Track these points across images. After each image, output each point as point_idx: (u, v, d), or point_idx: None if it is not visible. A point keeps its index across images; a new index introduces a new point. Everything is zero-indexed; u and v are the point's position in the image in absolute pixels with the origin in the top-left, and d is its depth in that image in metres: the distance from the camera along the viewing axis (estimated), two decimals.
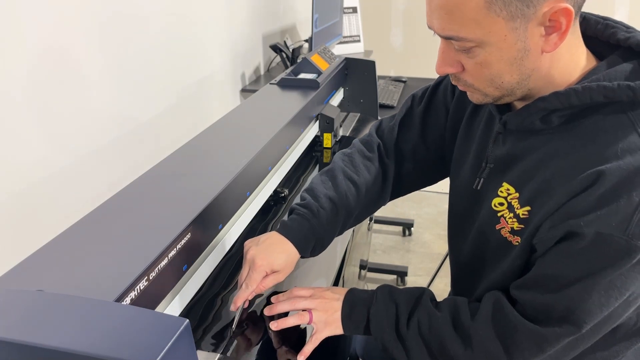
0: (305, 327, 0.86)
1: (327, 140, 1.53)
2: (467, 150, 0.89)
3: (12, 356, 0.49)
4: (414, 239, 2.95)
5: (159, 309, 0.71)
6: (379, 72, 1.90)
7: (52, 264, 0.67)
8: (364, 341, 1.23)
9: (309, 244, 0.88)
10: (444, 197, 0.88)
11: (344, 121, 1.82)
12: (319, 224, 0.88)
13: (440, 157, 0.99)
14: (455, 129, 0.94)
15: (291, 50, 2.31)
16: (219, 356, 0.77)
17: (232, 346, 0.79)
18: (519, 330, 0.71)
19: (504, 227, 0.78)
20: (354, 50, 2.85)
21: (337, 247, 1.18)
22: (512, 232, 0.77)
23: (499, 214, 0.79)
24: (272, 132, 1.13)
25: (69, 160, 1.18)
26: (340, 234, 0.95)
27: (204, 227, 0.82)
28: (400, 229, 3.08)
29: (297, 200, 0.93)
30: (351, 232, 1.32)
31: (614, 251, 0.64)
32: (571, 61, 0.72)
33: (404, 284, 2.43)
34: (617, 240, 0.64)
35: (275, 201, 1.22)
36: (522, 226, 0.75)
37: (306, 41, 2.56)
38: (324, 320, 0.82)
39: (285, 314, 0.84)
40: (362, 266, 1.83)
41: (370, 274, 2.42)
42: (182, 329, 0.49)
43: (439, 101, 0.97)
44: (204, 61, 1.80)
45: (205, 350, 0.78)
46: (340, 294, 0.84)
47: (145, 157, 1.45)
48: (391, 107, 2.11)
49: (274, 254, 0.84)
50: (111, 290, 0.61)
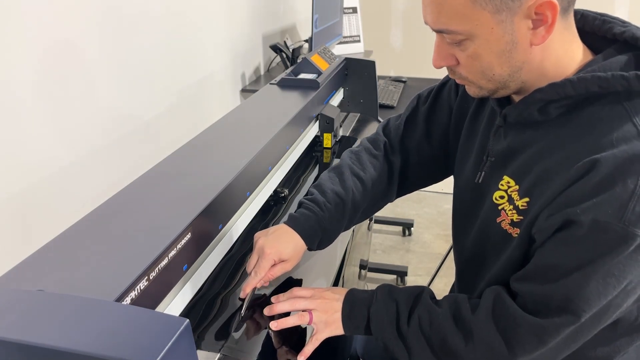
0: (305, 326, 0.86)
1: (327, 140, 1.53)
2: (471, 147, 0.91)
3: (12, 356, 0.49)
4: (414, 239, 2.95)
5: (159, 309, 0.71)
6: (379, 72, 1.90)
7: (52, 264, 0.67)
8: (364, 341, 1.23)
9: (316, 236, 0.90)
10: (444, 197, 0.90)
11: (344, 121, 1.82)
12: (325, 217, 0.91)
13: (444, 155, 1.00)
14: (458, 127, 0.95)
15: (291, 50, 2.31)
16: (219, 356, 0.77)
17: (232, 345, 0.79)
18: (520, 324, 0.72)
19: (504, 220, 0.79)
20: (354, 50, 2.85)
21: (337, 247, 1.18)
22: (512, 224, 0.78)
23: (500, 207, 0.80)
24: (272, 132, 1.13)
25: (69, 160, 1.18)
26: (346, 229, 0.97)
27: (204, 227, 0.82)
28: (400, 229, 3.08)
29: (305, 195, 0.96)
30: (351, 232, 1.32)
31: (611, 239, 0.65)
32: (565, 55, 0.73)
33: (404, 284, 2.43)
34: (613, 227, 0.64)
35: (275, 201, 1.22)
36: (522, 217, 0.76)
37: (306, 41, 2.56)
38: (324, 320, 0.82)
39: (285, 314, 0.84)
40: (362, 266, 1.83)
41: (370, 274, 2.42)
42: (182, 329, 0.49)
43: (444, 100, 0.98)
44: (204, 61, 1.80)
45: (205, 350, 0.78)
46: (340, 295, 0.84)
47: (145, 157, 1.45)
48: (391, 107, 2.11)
49: (282, 243, 0.87)
50: (111, 290, 0.61)
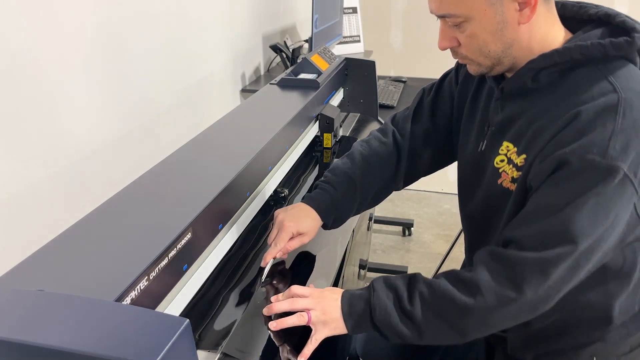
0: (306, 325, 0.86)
1: (327, 140, 1.53)
2: (472, 124, 1.00)
3: (12, 356, 0.49)
4: (414, 238, 2.95)
5: (159, 309, 0.71)
6: (379, 72, 1.90)
7: (52, 264, 0.67)
8: (364, 341, 1.23)
9: (330, 213, 1.01)
10: (444, 197, 0.92)
11: (344, 121, 1.82)
12: (338, 196, 1.02)
13: (449, 141, 1.09)
14: (460, 112, 1.05)
15: (291, 50, 2.31)
16: (219, 356, 0.77)
17: (232, 345, 0.79)
18: (519, 262, 0.77)
19: (505, 179, 0.88)
20: (354, 50, 2.85)
21: (337, 247, 1.18)
22: (512, 180, 0.87)
23: (500, 170, 0.89)
24: (272, 132, 1.13)
25: (69, 160, 1.18)
26: (358, 212, 1.08)
27: (204, 227, 0.82)
28: (400, 228, 3.08)
29: (320, 179, 1.07)
30: (351, 232, 1.32)
31: (597, 173, 0.74)
32: (549, 35, 0.85)
33: None
34: (598, 162, 0.74)
35: (275, 201, 1.22)
36: (520, 173, 0.85)
37: (306, 41, 2.56)
38: (323, 320, 0.82)
39: (284, 314, 0.84)
40: (362, 266, 1.83)
41: (370, 274, 2.43)
42: (182, 328, 0.49)
43: (445, 91, 1.09)
44: (204, 61, 1.80)
45: (205, 350, 0.78)
46: (338, 295, 0.85)
47: (145, 157, 1.45)
48: (391, 107, 2.11)
49: (300, 218, 0.97)
50: (111, 290, 0.61)
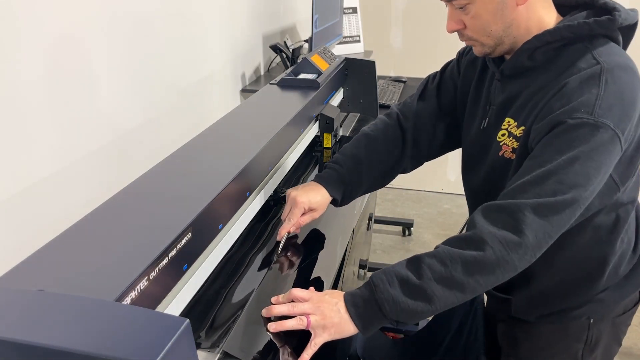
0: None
1: (327, 140, 1.53)
2: (476, 108, 1.08)
3: (12, 356, 0.49)
4: (414, 238, 2.95)
5: (159, 309, 0.71)
6: (379, 72, 1.90)
7: (52, 264, 0.67)
8: (364, 341, 1.23)
9: (339, 189, 1.08)
10: (444, 197, 0.93)
11: (344, 121, 1.82)
12: (345, 174, 1.09)
13: (452, 126, 1.16)
14: (464, 98, 1.12)
15: (291, 50, 2.31)
16: (218, 356, 0.77)
17: (232, 345, 0.79)
18: (517, 208, 0.82)
19: (506, 151, 0.96)
20: (354, 50, 2.85)
21: (337, 247, 1.18)
22: (513, 151, 0.95)
23: (502, 143, 0.97)
24: (272, 132, 1.13)
25: (69, 160, 1.18)
26: (367, 191, 1.15)
27: (204, 227, 0.82)
28: (400, 228, 3.08)
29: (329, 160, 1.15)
30: (351, 232, 1.32)
31: (586, 130, 0.82)
32: (545, 17, 0.94)
33: None
34: (587, 121, 0.82)
35: (275, 201, 1.22)
36: (519, 143, 0.94)
37: (306, 41, 2.56)
38: (322, 325, 0.82)
39: (284, 317, 0.84)
40: (362, 266, 1.84)
41: (370, 274, 2.43)
42: (182, 328, 0.49)
43: (448, 77, 1.17)
44: (204, 61, 1.80)
45: (205, 350, 0.78)
46: (338, 298, 0.84)
47: (145, 157, 1.45)
48: None
49: (311, 194, 1.05)
50: (111, 290, 0.61)
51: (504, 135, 0.97)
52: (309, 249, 1.10)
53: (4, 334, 0.49)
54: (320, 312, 0.82)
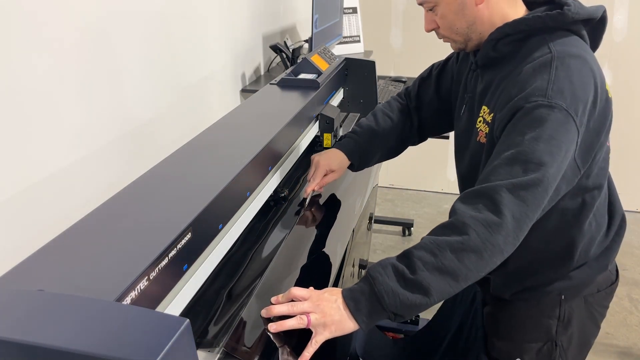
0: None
1: (327, 140, 1.53)
2: (464, 97, 1.18)
3: (12, 356, 0.49)
4: (414, 238, 2.95)
5: (159, 309, 0.71)
6: (379, 72, 1.90)
7: (52, 264, 0.67)
8: (364, 341, 1.23)
9: (355, 154, 1.27)
10: (444, 197, 0.94)
11: (344, 121, 1.82)
12: (361, 141, 1.27)
13: (449, 111, 1.27)
14: (457, 88, 1.23)
15: (291, 50, 2.31)
16: (218, 356, 0.77)
17: (232, 345, 0.79)
18: (492, 190, 0.87)
19: (481, 136, 1.05)
20: (354, 50, 2.85)
21: (337, 247, 1.18)
22: (485, 136, 1.03)
23: (478, 129, 1.06)
24: (272, 132, 1.13)
25: (69, 160, 1.18)
26: (381, 159, 1.32)
27: (204, 227, 0.82)
28: (400, 228, 3.08)
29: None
30: (351, 232, 1.32)
31: (543, 111, 0.90)
32: (509, 12, 1.02)
33: None
34: (541, 102, 0.90)
35: (275, 201, 1.22)
36: (489, 128, 1.02)
37: (306, 41, 2.56)
38: (322, 323, 0.82)
39: (284, 316, 0.84)
40: (362, 266, 1.84)
41: None
42: (182, 328, 0.49)
43: (448, 68, 1.28)
44: (204, 61, 1.80)
45: (205, 350, 0.78)
46: (337, 296, 0.85)
47: (145, 157, 1.45)
48: None
49: (331, 158, 1.24)
50: (111, 290, 0.61)
51: (480, 122, 1.05)
52: (308, 252, 1.10)
53: (4, 334, 0.49)
54: (320, 311, 0.83)
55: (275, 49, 2.27)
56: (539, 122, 0.89)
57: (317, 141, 1.54)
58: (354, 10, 2.88)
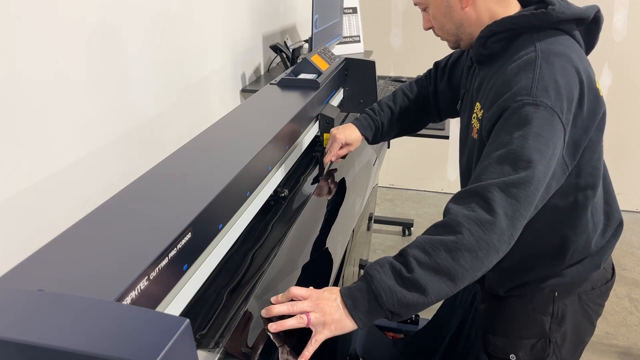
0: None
1: (327, 140, 1.53)
2: (463, 93, 1.23)
3: (12, 356, 0.49)
4: (414, 239, 2.95)
5: (159, 309, 0.71)
6: (379, 72, 1.90)
7: (52, 264, 0.67)
8: (364, 341, 1.23)
9: (369, 129, 1.38)
10: (444, 197, 0.95)
11: (344, 121, 1.82)
12: (377, 118, 1.39)
13: (457, 100, 1.32)
14: (463, 83, 1.26)
15: (291, 50, 2.31)
16: (218, 356, 0.77)
17: (233, 345, 0.79)
18: (484, 189, 0.88)
19: (474, 132, 1.07)
20: (354, 50, 2.85)
21: (337, 247, 1.18)
22: (477, 132, 1.05)
23: (472, 125, 1.08)
24: (272, 132, 1.13)
25: (69, 160, 1.18)
26: (399, 134, 1.43)
27: (204, 227, 0.82)
28: (400, 228, 3.08)
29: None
30: (351, 232, 1.32)
31: (529, 109, 0.91)
32: (500, 11, 1.04)
33: None
34: (527, 101, 0.91)
35: (275, 201, 1.22)
36: (480, 125, 1.03)
37: (306, 41, 2.56)
38: (322, 322, 0.82)
39: (283, 316, 0.84)
40: (362, 266, 1.84)
41: None
42: (182, 328, 0.49)
43: (462, 61, 1.32)
44: (204, 61, 1.80)
45: (205, 350, 0.78)
46: (337, 294, 0.85)
47: (145, 157, 1.45)
48: None
49: (348, 132, 1.37)
50: (111, 290, 0.61)
51: (474, 117, 1.08)
52: (308, 251, 1.10)
53: (4, 334, 0.49)
54: (320, 310, 0.83)
55: (275, 49, 2.27)
56: (525, 120, 0.90)
57: (317, 141, 1.54)
58: (354, 10, 2.88)
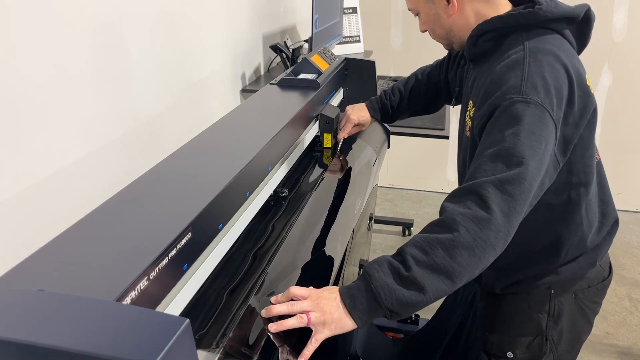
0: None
1: (327, 140, 1.53)
2: (459, 90, 1.28)
3: (12, 356, 0.49)
4: None
5: (159, 309, 0.71)
6: (379, 72, 1.90)
7: (52, 264, 0.67)
8: (364, 341, 1.23)
9: (377, 114, 1.53)
10: (444, 197, 0.95)
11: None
12: (386, 102, 1.51)
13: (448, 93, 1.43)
14: (459, 82, 1.32)
15: (291, 50, 2.31)
16: (218, 356, 0.77)
17: (233, 345, 0.79)
18: (479, 186, 0.88)
19: (467, 129, 1.08)
20: (354, 50, 2.85)
21: (337, 247, 1.18)
22: (469, 129, 1.07)
23: (466, 123, 1.10)
24: (272, 132, 1.13)
25: (69, 160, 1.18)
26: (412, 115, 1.55)
27: (204, 227, 0.82)
28: (400, 228, 3.09)
29: None
30: (351, 232, 1.32)
31: (519, 107, 0.92)
32: (489, 11, 1.05)
33: None
34: (517, 99, 0.92)
35: (275, 201, 1.22)
36: (472, 123, 1.05)
37: (306, 41, 2.56)
38: (322, 321, 0.82)
39: (283, 316, 0.84)
40: (362, 266, 1.83)
41: None
42: (182, 328, 0.49)
43: (460, 60, 1.36)
44: (204, 61, 1.80)
45: (205, 350, 0.78)
46: (337, 294, 0.85)
47: (145, 157, 1.45)
48: None
49: (360, 112, 1.52)
50: (111, 290, 0.61)
51: (467, 115, 1.10)
52: (309, 251, 1.10)
53: (4, 334, 0.49)
54: (319, 309, 0.83)
55: (275, 49, 2.27)
56: (516, 118, 0.91)
57: (317, 141, 1.54)
58: (354, 10, 2.88)
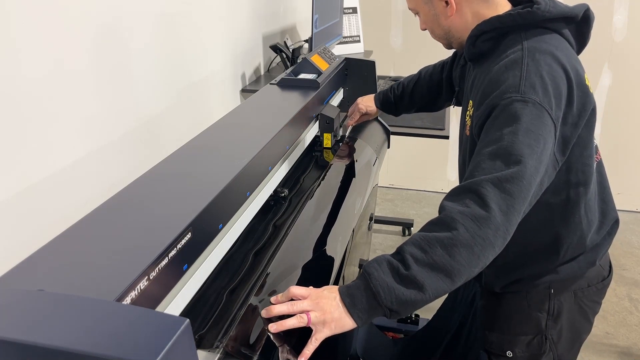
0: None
1: (327, 140, 1.53)
2: (460, 90, 1.29)
3: (12, 356, 0.49)
4: None
5: (159, 309, 0.71)
6: (379, 72, 1.90)
7: (52, 264, 0.67)
8: (364, 341, 1.23)
9: (384, 107, 1.62)
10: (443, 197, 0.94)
11: (344, 121, 1.82)
12: (391, 97, 1.59)
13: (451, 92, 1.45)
14: (459, 81, 1.33)
15: (291, 50, 2.31)
16: (218, 356, 0.77)
17: (233, 345, 0.79)
18: (477, 184, 0.88)
19: (467, 129, 1.09)
20: (354, 50, 2.85)
21: (337, 247, 1.18)
22: (469, 129, 1.07)
23: (466, 122, 1.10)
24: (272, 132, 1.13)
25: (69, 160, 1.18)
26: (420, 111, 1.60)
27: (204, 227, 0.82)
28: (400, 228, 3.08)
29: None
30: (351, 232, 1.32)
31: (518, 106, 0.92)
32: (488, 12, 1.06)
33: None
34: (515, 98, 0.92)
35: (275, 201, 1.22)
36: (471, 122, 1.05)
37: (306, 41, 2.56)
38: (322, 321, 0.82)
39: (283, 316, 0.84)
40: (362, 266, 1.83)
41: None
42: (182, 328, 0.49)
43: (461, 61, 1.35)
44: (204, 61, 1.80)
45: (205, 350, 0.78)
46: (336, 293, 0.85)
47: (145, 157, 1.45)
48: None
49: (368, 103, 1.63)
50: (111, 290, 0.61)
51: (467, 115, 1.10)
52: (309, 251, 1.10)
53: (4, 334, 0.49)
54: (319, 309, 0.83)
55: (275, 49, 2.27)
56: (515, 117, 0.91)
57: (317, 141, 1.54)
58: (354, 10, 2.88)
